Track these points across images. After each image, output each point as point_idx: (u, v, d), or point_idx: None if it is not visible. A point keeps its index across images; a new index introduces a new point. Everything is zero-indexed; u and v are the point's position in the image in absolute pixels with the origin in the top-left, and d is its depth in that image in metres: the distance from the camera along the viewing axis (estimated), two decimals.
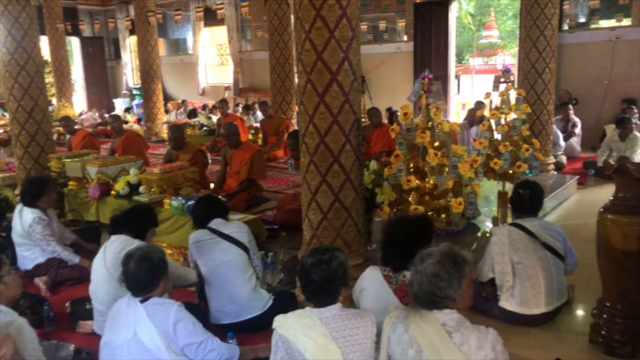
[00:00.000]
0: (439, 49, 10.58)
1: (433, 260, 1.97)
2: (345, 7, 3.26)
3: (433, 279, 1.94)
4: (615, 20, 13.65)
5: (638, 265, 2.85)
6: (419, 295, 1.99)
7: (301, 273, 2.21)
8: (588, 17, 14.87)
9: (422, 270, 1.97)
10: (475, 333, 1.96)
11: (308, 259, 2.19)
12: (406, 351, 2.01)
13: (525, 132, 4.92)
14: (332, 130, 3.36)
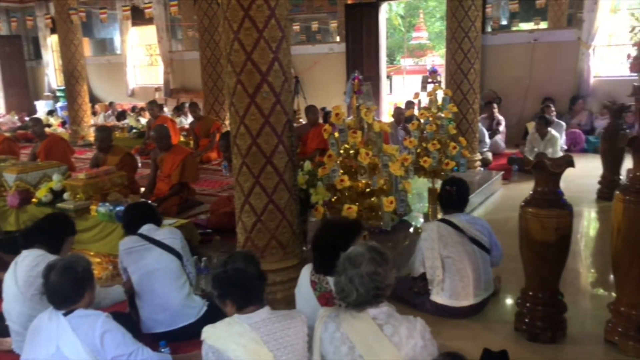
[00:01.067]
0: (370, 50, 10.76)
1: (365, 261, 1.99)
2: (274, 7, 3.25)
3: (373, 276, 1.98)
4: (533, 23, 14.43)
5: (556, 255, 3.02)
6: (360, 299, 1.99)
7: (226, 280, 2.17)
8: (509, 19, 15.65)
9: (358, 274, 1.98)
10: (405, 323, 2.03)
11: (233, 265, 2.15)
12: (339, 349, 2.03)
13: (452, 130, 5.10)
14: (264, 132, 3.33)
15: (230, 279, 2.11)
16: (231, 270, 2.12)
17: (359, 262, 1.99)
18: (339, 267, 2.03)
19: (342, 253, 2.09)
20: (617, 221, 2.86)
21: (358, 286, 1.96)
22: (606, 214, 5.68)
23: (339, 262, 2.05)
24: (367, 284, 1.97)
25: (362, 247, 2.06)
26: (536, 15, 14.15)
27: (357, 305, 2.00)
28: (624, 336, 2.94)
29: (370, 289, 1.98)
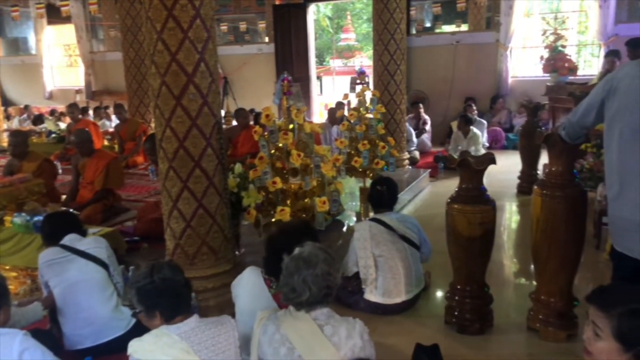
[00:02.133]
0: (299, 51, 10.78)
1: (320, 261, 2.01)
2: (199, 7, 3.17)
3: (326, 277, 2.00)
4: (455, 26, 15.01)
5: (482, 249, 3.14)
6: (311, 300, 1.99)
7: (155, 290, 2.08)
8: (432, 22, 16.19)
9: (313, 274, 1.98)
10: (344, 324, 2.04)
11: (159, 275, 2.05)
12: (278, 350, 2.01)
13: (381, 130, 5.19)
14: (191, 134, 3.24)
15: (158, 289, 2.03)
16: (159, 280, 2.03)
17: (314, 263, 2.00)
18: (289, 267, 2.02)
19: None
20: (536, 214, 3.01)
21: (312, 285, 1.97)
22: (526, 207, 5.99)
23: (288, 262, 2.04)
24: (320, 284, 1.98)
25: (313, 248, 2.07)
26: (457, 18, 14.75)
27: (308, 305, 2.01)
28: (545, 323, 3.11)
29: (322, 288, 1.99)
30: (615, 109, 2.31)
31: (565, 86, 6.65)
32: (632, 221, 2.24)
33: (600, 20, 8.70)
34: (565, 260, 2.99)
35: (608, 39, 8.70)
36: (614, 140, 2.32)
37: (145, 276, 2.06)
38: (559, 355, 2.99)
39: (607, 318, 1.59)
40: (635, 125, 2.21)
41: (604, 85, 2.39)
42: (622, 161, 2.28)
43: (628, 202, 2.25)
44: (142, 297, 2.06)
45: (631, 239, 2.27)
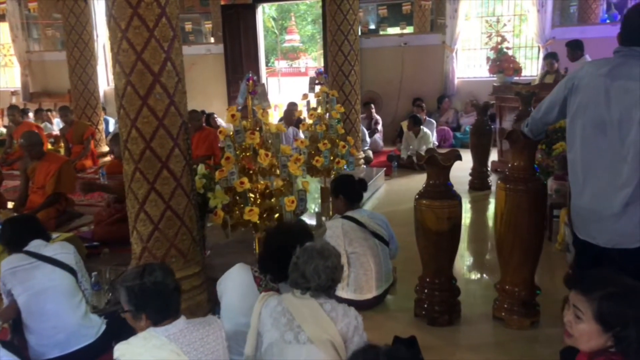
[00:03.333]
0: (249, 52, 10.71)
1: (332, 255, 2.19)
2: (164, 5, 3.10)
3: (335, 270, 2.18)
4: (399, 28, 15.33)
5: (450, 242, 3.25)
6: (319, 287, 2.14)
7: (144, 293, 2.05)
8: (378, 24, 16.48)
9: (325, 265, 2.14)
10: (342, 306, 2.18)
11: (150, 278, 2.03)
12: (278, 320, 2.13)
13: (340, 130, 5.26)
14: (158, 135, 3.17)
15: (148, 292, 1.99)
16: (150, 283, 1.99)
17: (327, 255, 2.17)
18: (303, 255, 2.17)
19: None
20: (500, 208, 3.15)
21: (322, 274, 2.13)
22: (478, 203, 6.24)
23: (301, 251, 2.19)
24: (329, 275, 2.14)
25: (325, 243, 2.29)
26: (402, 20, 15.09)
27: (314, 291, 2.15)
28: (510, 312, 3.25)
29: (329, 279, 2.15)
30: (577, 106, 2.45)
31: (511, 86, 6.97)
32: (594, 211, 2.39)
33: (539, 24, 9.15)
34: (529, 251, 3.14)
35: (546, 41, 9.16)
36: (576, 136, 2.46)
37: (136, 277, 2.01)
38: (524, 341, 3.13)
39: (588, 302, 1.69)
40: (596, 120, 2.35)
41: (566, 83, 2.54)
42: (584, 155, 2.42)
43: (591, 193, 2.40)
44: (131, 298, 2.01)
45: (594, 227, 2.41)
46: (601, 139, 2.34)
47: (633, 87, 2.24)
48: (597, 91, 2.35)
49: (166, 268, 2.13)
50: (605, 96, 2.31)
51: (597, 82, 2.35)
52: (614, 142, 2.30)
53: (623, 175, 2.27)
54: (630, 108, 2.24)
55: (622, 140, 2.27)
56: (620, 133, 2.27)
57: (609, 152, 2.31)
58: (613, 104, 2.29)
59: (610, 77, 2.31)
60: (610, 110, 2.30)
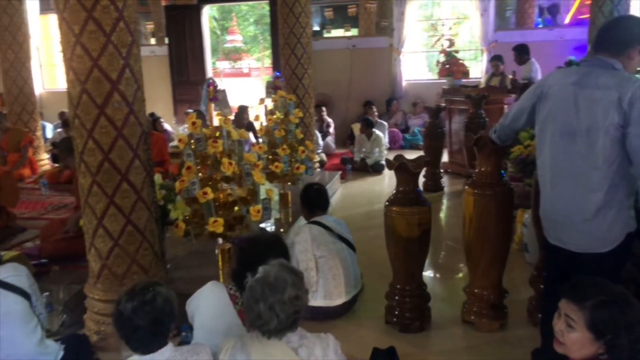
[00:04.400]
0: (195, 53, 10.45)
1: (288, 286, 1.88)
2: (122, 9, 2.94)
3: (295, 301, 1.88)
4: (344, 30, 15.45)
5: (420, 248, 3.25)
6: (280, 327, 1.87)
7: (120, 322, 1.91)
8: (322, 25, 16.53)
9: (280, 300, 1.85)
10: (318, 342, 1.98)
11: (126, 305, 1.90)
12: None
13: (299, 135, 5.18)
14: (117, 146, 3.00)
15: (136, 326, 1.86)
16: (126, 312, 1.85)
17: (281, 288, 1.86)
18: (254, 292, 1.87)
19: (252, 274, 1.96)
20: (469, 212, 3.18)
21: (279, 313, 1.84)
22: (434, 204, 6.19)
23: (253, 285, 1.89)
24: (287, 311, 1.85)
25: (279, 270, 1.93)
26: (346, 23, 15.20)
27: (277, 332, 1.88)
28: (479, 315, 3.29)
29: (290, 315, 1.86)
30: (546, 113, 2.50)
31: (460, 89, 7.14)
32: (566, 217, 2.43)
33: (482, 27, 9.42)
34: (497, 255, 3.19)
35: (489, 44, 9.45)
36: (546, 142, 2.51)
37: (119, 301, 1.86)
38: (494, 344, 3.18)
39: (581, 310, 1.71)
40: (566, 128, 2.40)
41: (534, 90, 2.59)
42: (554, 161, 2.47)
43: (562, 199, 2.44)
44: (117, 324, 1.87)
45: (566, 233, 2.46)
46: (571, 146, 2.39)
47: (600, 96, 2.30)
48: (566, 99, 2.40)
49: (168, 298, 1.97)
50: (574, 104, 2.37)
51: (566, 91, 2.41)
52: (583, 149, 2.35)
53: (594, 182, 2.32)
54: (598, 116, 2.30)
55: (591, 147, 2.32)
56: (589, 140, 2.33)
57: (579, 158, 2.37)
58: (582, 112, 2.35)
59: (579, 86, 2.37)
60: (579, 118, 2.35)
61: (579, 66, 2.51)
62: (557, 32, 9.65)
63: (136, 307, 1.87)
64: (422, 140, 8.65)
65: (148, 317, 1.88)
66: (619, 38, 2.36)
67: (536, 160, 2.65)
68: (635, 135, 2.21)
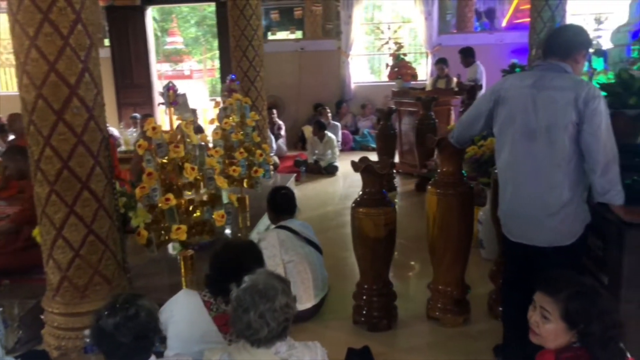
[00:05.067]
0: (139, 55, 10.17)
1: (278, 293, 1.86)
2: (80, 10, 2.83)
3: (285, 309, 1.86)
4: (289, 32, 15.46)
5: (386, 248, 3.32)
6: (270, 335, 1.84)
7: (101, 339, 1.84)
8: (267, 28, 16.46)
9: (271, 308, 1.82)
10: (307, 351, 1.98)
11: (108, 320, 1.82)
12: None
13: (256, 138, 5.16)
14: (77, 153, 2.89)
15: (117, 342, 1.79)
16: (108, 328, 1.79)
17: (272, 296, 1.83)
18: (244, 301, 1.84)
19: (240, 276, 1.94)
20: (432, 212, 3.27)
21: (270, 321, 1.81)
22: None
23: (241, 295, 1.86)
24: (278, 318, 1.83)
25: (268, 278, 1.91)
26: (292, 25, 15.21)
27: (267, 342, 1.86)
28: (443, 311, 3.40)
29: (281, 322, 1.84)
30: (505, 116, 2.61)
31: (409, 91, 7.32)
32: (531, 213, 2.54)
33: (426, 31, 9.69)
34: (459, 252, 3.30)
35: (434, 47, 9.73)
36: (506, 143, 2.62)
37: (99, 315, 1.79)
38: (459, 338, 3.29)
39: (555, 302, 1.81)
40: (526, 128, 2.53)
41: (490, 95, 2.69)
42: (516, 161, 2.58)
43: (525, 197, 2.56)
44: (98, 340, 1.80)
45: (531, 229, 2.57)
46: (532, 145, 2.52)
47: (558, 97, 2.44)
48: (524, 101, 2.53)
49: (152, 311, 1.91)
50: (533, 106, 2.49)
51: (524, 93, 2.53)
52: (544, 148, 2.48)
53: (556, 179, 2.46)
54: (557, 115, 2.44)
55: (551, 145, 2.46)
56: (550, 139, 2.46)
57: (541, 157, 2.49)
58: (541, 113, 2.48)
59: (536, 88, 2.50)
60: (539, 118, 2.48)
61: (531, 70, 2.63)
62: (497, 36, 10.07)
63: (119, 323, 1.80)
64: (374, 142, 8.81)
65: (132, 333, 1.81)
66: (567, 44, 2.52)
67: (496, 162, 2.75)
68: (588, 132, 2.37)
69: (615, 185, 2.39)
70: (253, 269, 2.00)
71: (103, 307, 1.88)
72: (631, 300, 2.47)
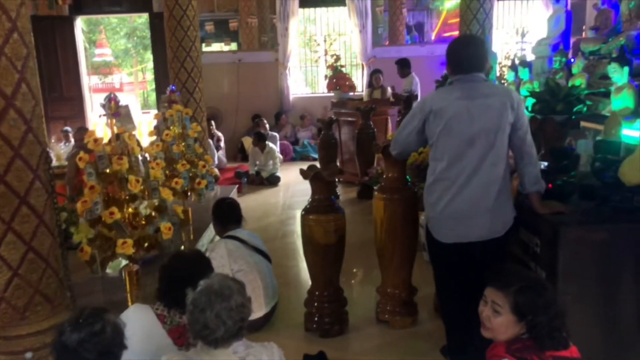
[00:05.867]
0: (68, 67, 9.78)
1: (234, 293, 1.88)
2: (15, 19, 2.74)
3: (241, 308, 1.89)
4: (224, 44, 15.40)
5: (337, 254, 3.38)
6: (227, 335, 1.85)
7: (63, 355, 1.76)
8: (202, 39, 16.31)
9: (227, 307, 1.84)
10: (264, 351, 2.00)
11: (72, 336, 1.74)
12: None
13: (198, 149, 5.10)
14: (14, 167, 2.75)
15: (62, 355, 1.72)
16: (70, 344, 1.72)
17: (228, 295, 1.86)
18: (200, 302, 1.85)
19: (192, 285, 1.94)
20: (380, 216, 3.37)
21: (226, 320, 1.83)
22: None
23: (197, 296, 1.87)
24: (234, 317, 1.85)
25: (222, 279, 1.94)
26: (227, 37, 15.16)
27: (224, 341, 1.87)
28: (392, 313, 3.49)
29: (237, 321, 1.86)
30: (441, 128, 2.69)
31: (347, 101, 7.47)
32: (470, 211, 2.65)
33: (361, 44, 9.94)
34: (406, 254, 3.41)
35: (368, 59, 10.00)
36: (445, 153, 2.70)
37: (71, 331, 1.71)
38: (409, 339, 3.40)
39: (506, 296, 1.92)
40: (464, 135, 2.66)
41: (421, 112, 2.76)
42: (455, 166, 2.70)
43: (464, 197, 2.67)
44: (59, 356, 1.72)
45: (468, 226, 2.68)
46: (470, 150, 2.66)
47: (492, 102, 2.64)
48: (458, 112, 2.66)
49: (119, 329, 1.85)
50: (468, 114, 2.65)
51: (457, 104, 2.67)
52: (483, 150, 2.64)
53: (493, 175, 2.65)
54: (494, 119, 2.63)
55: (490, 147, 2.63)
56: (488, 141, 2.63)
57: (480, 159, 2.65)
58: (476, 119, 2.64)
59: (468, 99, 2.66)
60: (474, 124, 2.64)
61: (454, 83, 2.77)
62: (427, 48, 10.49)
63: (83, 339, 1.72)
64: (315, 152, 8.91)
65: (96, 349, 1.74)
66: (482, 58, 2.73)
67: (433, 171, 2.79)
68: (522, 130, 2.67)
69: (540, 174, 2.72)
70: (204, 277, 1.99)
71: (66, 322, 1.80)
72: (567, 292, 2.63)
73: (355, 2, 9.67)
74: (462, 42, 2.99)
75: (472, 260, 2.69)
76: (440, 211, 2.74)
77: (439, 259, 2.87)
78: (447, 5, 13.98)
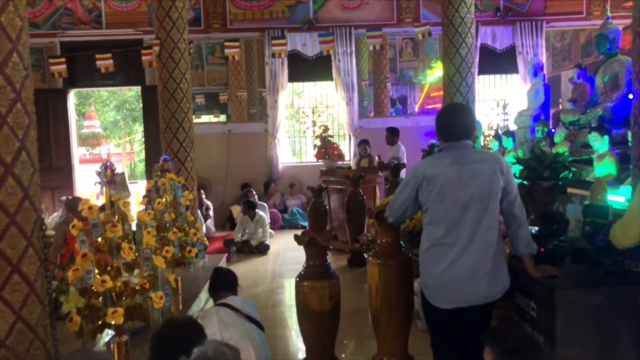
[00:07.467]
0: (59, 138, 9.87)
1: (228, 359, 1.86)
2: (20, 90, 2.83)
3: None
4: (213, 116, 15.73)
5: (332, 321, 3.33)
6: None
7: None
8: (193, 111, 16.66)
9: None
10: None
11: None
12: None
13: (190, 217, 5.11)
14: (8, 234, 2.74)
15: None
16: None
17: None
18: None
19: (186, 353, 1.90)
20: (374, 283, 3.36)
21: None
22: None
23: None
24: None
25: (216, 345, 1.92)
26: (216, 109, 15.52)
27: None
28: None
29: None
30: (435, 194, 2.74)
31: (336, 170, 7.60)
32: (470, 277, 2.67)
33: (348, 115, 10.24)
34: (402, 322, 3.37)
35: (355, 130, 10.26)
36: (441, 219, 2.74)
37: None
38: None
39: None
40: (457, 201, 2.71)
41: (414, 179, 2.81)
42: (453, 233, 2.72)
43: (464, 262, 2.69)
44: None
45: (468, 292, 2.69)
46: (466, 215, 2.71)
47: (482, 168, 2.73)
48: (450, 178, 2.73)
49: None
50: (460, 180, 2.72)
51: (448, 171, 2.74)
52: (478, 215, 2.69)
53: (489, 239, 2.69)
54: (486, 184, 2.70)
55: (484, 211, 2.69)
56: (481, 206, 2.69)
57: (476, 223, 2.69)
58: (468, 185, 2.71)
59: (459, 165, 2.74)
60: (467, 190, 2.70)
61: (445, 151, 2.86)
62: (412, 120, 10.84)
63: None
64: (303, 220, 8.93)
65: None
66: (470, 126, 2.84)
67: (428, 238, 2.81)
68: (512, 194, 2.75)
69: (530, 236, 2.81)
70: (197, 345, 1.96)
71: None
72: (567, 357, 2.62)
73: (341, 77, 10.06)
74: (451, 110, 3.14)
75: (470, 324, 2.69)
76: (440, 277, 2.72)
77: (437, 326, 2.83)
78: (429, 80, 14.59)
